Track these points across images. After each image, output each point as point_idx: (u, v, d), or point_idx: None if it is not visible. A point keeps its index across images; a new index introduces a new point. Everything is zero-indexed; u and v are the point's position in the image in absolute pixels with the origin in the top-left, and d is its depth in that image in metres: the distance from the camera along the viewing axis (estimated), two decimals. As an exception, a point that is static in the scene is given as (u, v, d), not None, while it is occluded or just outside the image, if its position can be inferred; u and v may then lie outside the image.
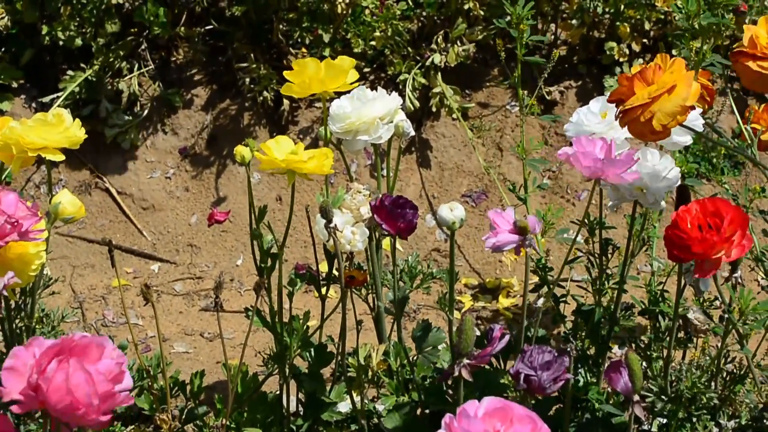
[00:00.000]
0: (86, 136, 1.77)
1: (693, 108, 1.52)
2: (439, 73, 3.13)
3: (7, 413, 1.57)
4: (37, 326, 1.93)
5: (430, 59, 3.11)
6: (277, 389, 1.99)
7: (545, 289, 1.95)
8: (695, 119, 1.69)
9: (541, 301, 2.18)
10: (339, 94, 1.86)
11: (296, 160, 1.68)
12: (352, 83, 1.81)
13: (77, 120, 1.74)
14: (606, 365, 1.85)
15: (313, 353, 1.96)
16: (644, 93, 1.50)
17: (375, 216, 1.67)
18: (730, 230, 1.48)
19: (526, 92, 2.63)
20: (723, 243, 1.49)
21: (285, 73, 1.79)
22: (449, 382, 1.81)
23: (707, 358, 1.83)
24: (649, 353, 1.88)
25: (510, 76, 2.47)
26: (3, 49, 3.20)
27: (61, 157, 1.71)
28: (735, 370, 1.83)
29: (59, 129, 1.70)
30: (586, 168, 1.59)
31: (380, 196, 1.68)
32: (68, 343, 1.28)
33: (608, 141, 1.63)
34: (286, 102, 3.13)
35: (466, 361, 1.51)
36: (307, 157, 1.68)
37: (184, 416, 2.00)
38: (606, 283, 1.94)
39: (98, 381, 1.25)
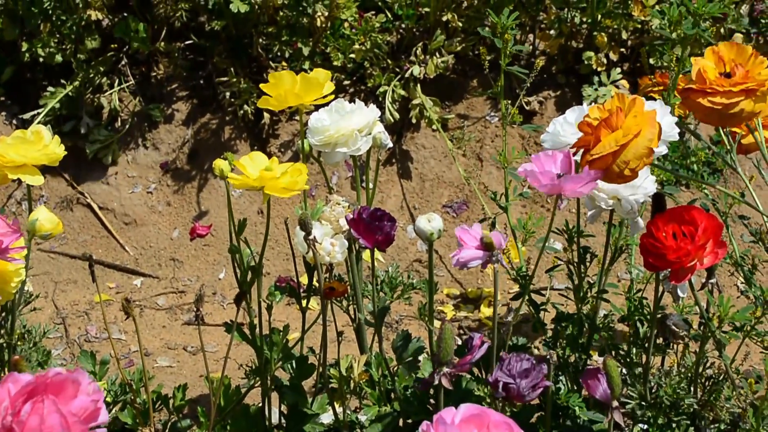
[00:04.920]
0: (66, 152, 1.76)
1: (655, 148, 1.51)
2: (419, 85, 3.14)
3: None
4: (18, 343, 1.93)
5: (409, 71, 3.13)
6: (259, 401, 2.00)
7: (524, 297, 1.96)
8: (671, 129, 1.70)
9: (510, 316, 2.18)
10: (317, 107, 1.87)
11: (269, 177, 1.64)
12: (326, 95, 1.81)
13: (56, 137, 1.74)
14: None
15: (294, 365, 1.96)
16: (611, 140, 1.49)
17: (352, 230, 1.67)
18: (704, 239, 1.50)
19: (508, 102, 2.64)
20: (697, 251, 1.50)
21: (261, 85, 1.79)
22: (430, 391, 1.82)
23: (686, 363, 1.84)
24: (628, 360, 1.89)
25: (493, 85, 2.48)
26: (-17, 67, 3.21)
27: (41, 180, 1.70)
28: (714, 376, 1.85)
29: (38, 146, 1.69)
30: (543, 186, 1.60)
31: (357, 209, 1.69)
32: (43, 380, 1.24)
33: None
34: (266, 115, 3.14)
35: (445, 369, 1.51)
36: (280, 173, 1.64)
37: (167, 430, 2.00)
38: (588, 291, 1.95)
39: (72, 423, 1.22)
